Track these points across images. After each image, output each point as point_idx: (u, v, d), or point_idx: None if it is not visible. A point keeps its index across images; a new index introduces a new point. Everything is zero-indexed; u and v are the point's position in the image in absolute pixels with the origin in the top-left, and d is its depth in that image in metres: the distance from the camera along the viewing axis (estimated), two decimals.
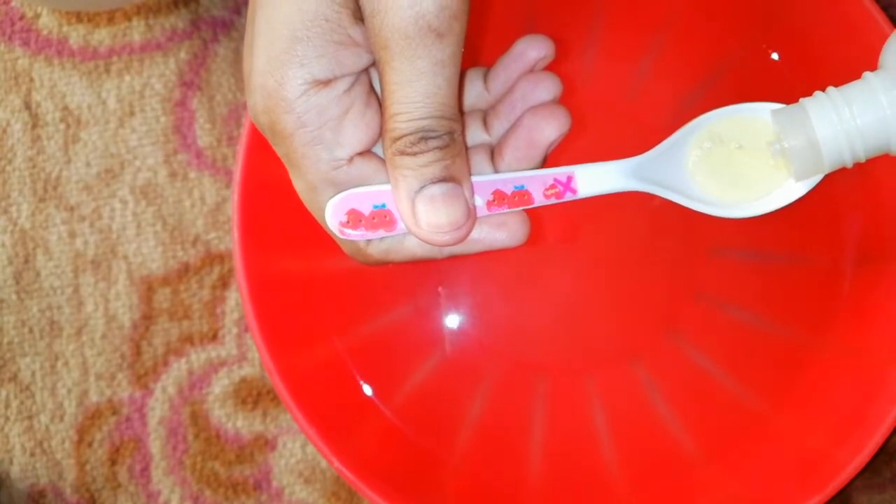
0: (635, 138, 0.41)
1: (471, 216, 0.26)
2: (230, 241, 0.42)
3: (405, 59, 0.24)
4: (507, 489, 0.39)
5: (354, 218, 0.26)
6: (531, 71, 0.29)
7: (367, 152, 0.27)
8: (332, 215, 0.26)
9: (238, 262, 0.36)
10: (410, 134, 0.25)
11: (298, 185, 0.27)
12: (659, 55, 0.41)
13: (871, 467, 0.36)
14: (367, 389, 0.39)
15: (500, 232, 0.28)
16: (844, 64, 0.39)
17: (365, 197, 0.26)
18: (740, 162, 0.28)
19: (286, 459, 0.42)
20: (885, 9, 0.37)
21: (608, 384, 0.40)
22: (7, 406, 0.42)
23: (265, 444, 0.42)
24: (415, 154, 0.25)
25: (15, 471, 0.42)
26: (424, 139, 0.25)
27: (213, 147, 0.43)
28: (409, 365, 0.40)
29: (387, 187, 0.26)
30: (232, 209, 0.36)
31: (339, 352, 0.39)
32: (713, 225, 0.41)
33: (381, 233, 0.27)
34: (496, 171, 0.29)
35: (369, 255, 0.28)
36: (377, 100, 0.27)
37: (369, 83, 0.27)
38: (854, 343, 0.39)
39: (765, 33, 0.40)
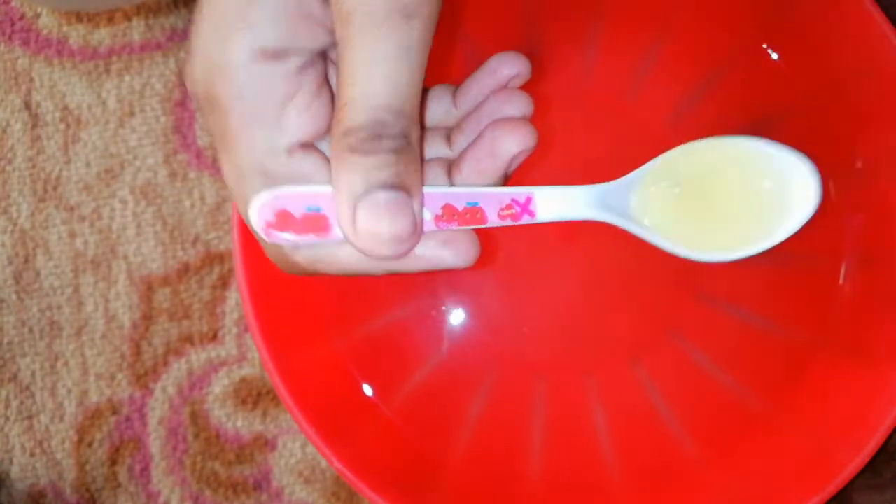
0: (634, 139, 0.41)
1: (416, 231, 0.23)
2: (230, 240, 0.42)
3: (368, 38, 0.22)
4: (506, 489, 0.39)
5: (283, 219, 0.23)
6: (504, 88, 0.27)
7: (309, 145, 0.24)
8: (259, 213, 0.23)
9: (238, 262, 0.36)
10: (363, 128, 0.22)
11: (226, 169, 0.24)
12: (659, 55, 0.41)
13: (871, 468, 0.36)
14: (367, 389, 0.39)
15: (445, 250, 0.25)
16: (843, 63, 0.39)
17: (299, 198, 0.23)
18: (707, 203, 0.26)
19: (286, 459, 0.42)
20: (884, 9, 0.37)
21: (608, 384, 0.41)
22: (7, 406, 0.42)
23: (265, 444, 0.42)
24: (365, 153, 0.22)
25: (15, 471, 0.42)
26: (378, 137, 0.22)
27: (212, 147, 0.43)
28: (409, 365, 0.40)
29: (326, 189, 0.24)
30: (232, 209, 0.37)
31: (339, 352, 0.39)
32: None
33: (311, 238, 0.24)
34: (451, 185, 0.26)
35: (295, 264, 0.25)
36: (330, 92, 0.25)
37: (324, 73, 0.25)
38: (854, 343, 0.39)
39: (765, 33, 0.40)
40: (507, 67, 0.27)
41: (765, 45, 0.40)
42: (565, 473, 0.39)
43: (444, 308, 0.41)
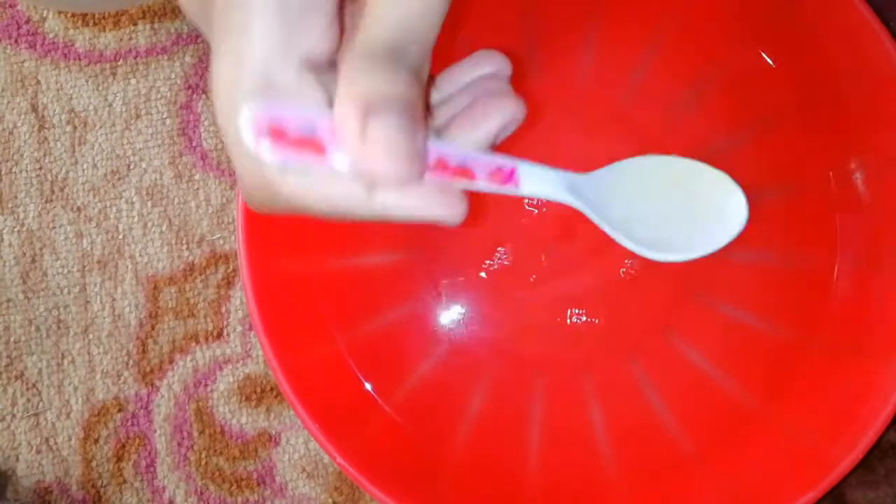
0: (631, 140, 0.41)
1: (422, 160, 0.21)
2: (234, 241, 0.43)
3: None
4: (505, 485, 0.39)
5: (276, 135, 0.21)
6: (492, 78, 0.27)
7: (316, 66, 0.22)
8: (252, 122, 0.20)
9: (242, 262, 0.36)
10: (387, 41, 0.21)
11: (223, 72, 0.21)
12: (655, 58, 0.42)
13: (865, 464, 0.36)
14: (369, 386, 0.40)
15: (436, 200, 0.23)
16: (837, 66, 0.39)
17: (296, 115, 0.21)
18: (659, 207, 0.28)
19: (289, 455, 0.42)
20: (878, 12, 0.38)
21: (604, 381, 0.41)
22: (14, 403, 0.42)
23: (269, 440, 0.42)
24: (385, 67, 0.21)
25: (21, 467, 0.42)
26: (399, 57, 0.21)
27: (217, 149, 0.43)
28: (410, 362, 0.40)
29: (325, 112, 0.21)
30: (236, 210, 0.37)
31: (341, 349, 0.39)
32: None
33: (305, 158, 0.21)
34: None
35: (276, 193, 0.22)
36: (342, 24, 0.23)
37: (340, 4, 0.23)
38: (847, 341, 0.39)
39: (760, 37, 0.41)
40: (489, 65, 0.27)
41: (760, 49, 0.41)
42: (563, 468, 0.40)
43: (443, 306, 0.41)
